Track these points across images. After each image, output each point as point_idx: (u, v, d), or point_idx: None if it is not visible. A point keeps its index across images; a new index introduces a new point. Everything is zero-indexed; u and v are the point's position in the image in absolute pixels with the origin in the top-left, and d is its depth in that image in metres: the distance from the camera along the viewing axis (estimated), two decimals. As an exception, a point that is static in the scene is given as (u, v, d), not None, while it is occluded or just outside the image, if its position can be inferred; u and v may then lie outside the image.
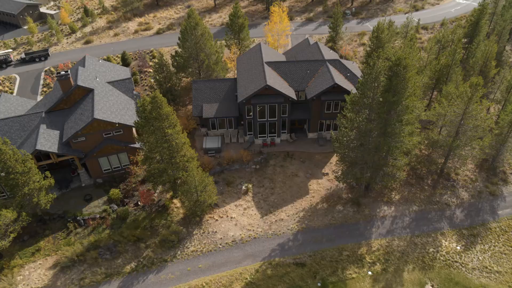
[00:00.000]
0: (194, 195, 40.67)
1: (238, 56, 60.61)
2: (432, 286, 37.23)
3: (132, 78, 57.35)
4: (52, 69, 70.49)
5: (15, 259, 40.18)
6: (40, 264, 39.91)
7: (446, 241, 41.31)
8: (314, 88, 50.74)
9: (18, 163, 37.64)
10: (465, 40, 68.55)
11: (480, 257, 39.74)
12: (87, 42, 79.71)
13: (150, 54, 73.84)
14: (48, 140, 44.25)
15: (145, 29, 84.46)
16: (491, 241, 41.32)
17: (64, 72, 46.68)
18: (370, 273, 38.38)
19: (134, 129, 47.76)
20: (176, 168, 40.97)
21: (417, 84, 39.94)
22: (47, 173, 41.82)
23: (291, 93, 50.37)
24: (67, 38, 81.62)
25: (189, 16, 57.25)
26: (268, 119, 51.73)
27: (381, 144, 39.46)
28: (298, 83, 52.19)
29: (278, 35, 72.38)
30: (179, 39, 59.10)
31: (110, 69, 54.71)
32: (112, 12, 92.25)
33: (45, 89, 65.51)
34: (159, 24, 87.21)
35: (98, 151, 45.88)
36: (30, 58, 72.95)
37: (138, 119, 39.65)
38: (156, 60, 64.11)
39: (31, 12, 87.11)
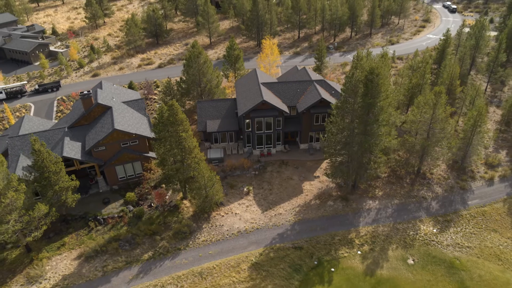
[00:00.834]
0: (203, 192, 47.17)
1: (237, 80, 69.35)
2: (413, 260, 43.49)
3: (142, 101, 65.02)
4: (64, 97, 78.11)
5: (42, 252, 45.34)
6: (65, 256, 45.12)
7: (424, 226, 48.05)
8: (304, 103, 59.09)
9: (52, 163, 44.01)
10: (435, 66, 78.97)
11: (453, 237, 46.43)
12: (94, 75, 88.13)
13: (154, 84, 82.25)
14: (72, 149, 50.87)
15: (148, 64, 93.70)
16: (462, 225, 48.18)
17: (86, 92, 54.31)
18: (359, 252, 44.59)
19: (147, 141, 54.75)
20: (188, 168, 47.70)
21: (389, 90, 48.46)
22: (73, 176, 48.03)
23: (284, 107, 58.46)
24: (76, 72, 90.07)
25: (193, 47, 66.35)
26: (265, 131, 59.38)
27: (362, 142, 47.16)
28: (290, 100, 60.51)
29: (270, 65, 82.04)
30: (183, 66, 67.78)
31: (124, 92, 62.57)
32: (116, 50, 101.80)
33: (59, 114, 72.68)
34: (160, 59, 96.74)
35: (116, 160, 52.44)
36: (43, 89, 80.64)
37: (154, 128, 46.90)
38: (160, 89, 72.51)
39: (41, 50, 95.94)
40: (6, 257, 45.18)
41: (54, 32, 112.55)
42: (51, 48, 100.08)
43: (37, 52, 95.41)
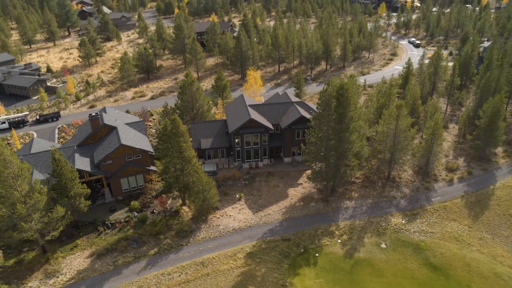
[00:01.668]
0: (201, 195, 54.40)
1: (226, 105, 78.43)
2: (386, 244, 51.10)
3: (140, 124, 72.88)
4: (65, 126, 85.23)
5: (57, 253, 50.94)
6: (78, 255, 50.87)
7: (394, 218, 56.09)
8: (286, 121, 68.17)
9: (68, 171, 50.82)
10: (400, 90, 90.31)
11: (419, 226, 54.53)
12: (91, 107, 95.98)
13: (149, 112, 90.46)
14: (82, 163, 57.78)
15: (141, 96, 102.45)
16: (427, 216, 56.46)
17: (94, 114, 62.09)
18: (339, 241, 52.00)
19: (148, 156, 62.15)
20: (187, 175, 55.08)
21: (358, 104, 58.02)
22: (84, 185, 54.63)
23: (269, 125, 67.31)
24: (74, 104, 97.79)
25: (186, 76, 75.56)
26: (253, 146, 67.76)
27: (337, 147, 55.92)
28: (274, 119, 69.54)
29: (254, 94, 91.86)
30: (178, 93, 76.56)
31: (125, 116, 70.49)
32: (110, 85, 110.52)
33: (61, 140, 79.48)
34: (152, 92, 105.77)
35: (121, 172, 59.43)
36: (44, 119, 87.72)
37: (158, 140, 54.63)
38: (154, 117, 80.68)
39: (40, 85, 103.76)
40: (23, 258, 50.58)
41: (49, 70, 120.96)
42: (48, 83, 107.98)
43: (35, 87, 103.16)
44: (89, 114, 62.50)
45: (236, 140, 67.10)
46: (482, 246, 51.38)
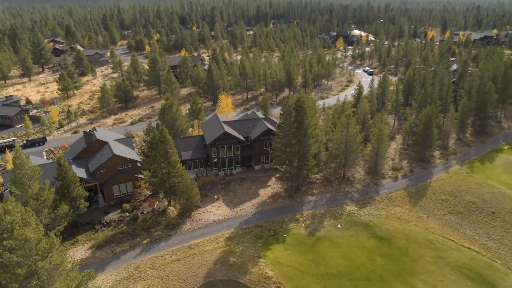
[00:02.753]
0: (186, 194, 64.83)
1: (202, 124, 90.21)
2: (341, 225, 62.92)
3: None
4: (52, 149, 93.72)
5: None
6: (79, 248, 59.39)
7: (348, 207, 68.33)
8: (255, 133, 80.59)
9: (71, 175, 60.26)
10: (354, 109, 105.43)
11: (369, 211, 66.95)
12: (75, 132, 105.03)
13: (131, 135, 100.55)
14: (79, 172, 67.10)
15: (121, 122, 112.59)
16: (375, 204, 69.11)
17: (88, 131, 72.18)
18: (303, 225, 63.36)
19: (137, 165, 72.23)
20: (173, 177, 65.50)
21: (313, 114, 71.38)
22: (83, 189, 63.85)
23: (241, 137, 79.37)
24: (57, 131, 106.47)
25: (166, 99, 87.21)
26: (227, 156, 79.29)
27: (298, 150, 68.46)
28: (245, 132, 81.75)
29: (225, 116, 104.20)
30: (159, 114, 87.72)
31: (113, 135, 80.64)
32: (90, 114, 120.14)
33: (50, 160, 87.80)
34: (131, 118, 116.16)
35: (113, 180, 69.06)
36: (31, 144, 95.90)
37: (147, 147, 65.26)
38: (136, 139, 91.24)
39: (23, 115, 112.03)
40: (31, 253, 58.50)
41: (28, 102, 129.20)
42: (31, 113, 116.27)
43: (19, 116, 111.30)
44: (84, 131, 72.56)
45: (213, 151, 78.49)
46: (418, 222, 64.23)
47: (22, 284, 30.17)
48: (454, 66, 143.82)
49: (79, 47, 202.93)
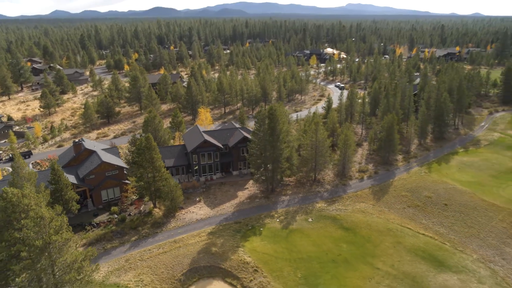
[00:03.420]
0: (170, 195, 71.32)
1: (183, 134, 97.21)
2: (311, 219, 70.53)
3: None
4: (38, 161, 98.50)
5: (54, 247, 64.45)
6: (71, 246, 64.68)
7: (318, 204, 76.17)
8: (233, 141, 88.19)
9: (63, 178, 66.03)
10: (324, 119, 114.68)
11: (337, 206, 74.94)
12: (59, 146, 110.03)
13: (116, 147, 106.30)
14: (69, 178, 72.80)
15: (104, 136, 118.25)
16: (343, 201, 77.19)
17: (77, 140, 78.14)
18: (278, 220, 70.66)
19: (124, 171, 78.35)
20: (158, 181, 71.96)
21: (285, 121, 79.67)
22: (74, 193, 69.48)
23: (219, 145, 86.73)
24: (42, 145, 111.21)
25: (149, 112, 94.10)
26: (207, 162, 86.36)
27: (271, 154, 76.29)
28: (223, 140, 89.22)
29: (205, 128, 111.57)
30: (143, 126, 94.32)
31: (99, 145, 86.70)
32: (73, 129, 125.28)
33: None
34: (114, 133, 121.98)
35: (101, 185, 74.94)
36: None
37: (133, 153, 71.77)
38: (120, 151, 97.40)
39: (7, 130, 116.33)
40: (26, 252, 63.43)
41: (10, 118, 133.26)
42: (14, 129, 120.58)
43: (2, 132, 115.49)
44: (73, 141, 78.59)
45: (194, 158, 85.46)
46: (380, 214, 72.57)
47: (38, 255, 36.13)
48: (418, 80, 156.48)
49: (58, 66, 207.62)
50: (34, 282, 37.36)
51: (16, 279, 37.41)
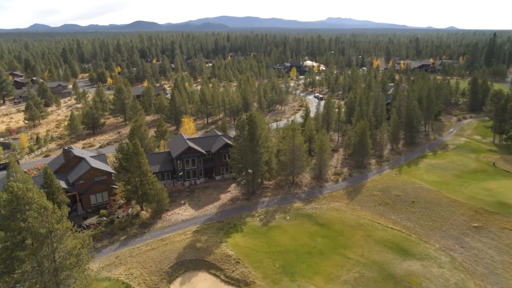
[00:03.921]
0: (156, 197, 76.17)
1: (168, 142, 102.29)
2: (289, 217, 76.27)
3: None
4: (26, 170, 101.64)
5: (46, 248, 68.30)
6: (64, 247, 68.70)
7: (296, 204, 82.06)
8: (215, 147, 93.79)
9: (55, 182, 70.24)
10: (302, 128, 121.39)
11: (313, 205, 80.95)
12: (46, 156, 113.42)
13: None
14: (60, 183, 76.93)
15: (90, 146, 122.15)
16: (319, 201, 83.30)
17: (67, 148, 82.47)
18: (258, 219, 76.18)
19: (112, 177, 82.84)
20: (145, 184, 76.74)
21: (264, 127, 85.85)
22: (65, 196, 73.55)
23: (203, 151, 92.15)
24: (28, 155, 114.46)
25: (135, 122, 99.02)
26: (191, 168, 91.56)
27: (251, 157, 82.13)
28: (206, 147, 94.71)
29: (189, 136, 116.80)
30: (129, 134, 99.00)
31: (87, 153, 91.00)
32: (59, 140, 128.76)
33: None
34: (99, 143, 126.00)
35: (91, 190, 79.24)
36: (4, 167, 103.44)
37: (122, 158, 76.52)
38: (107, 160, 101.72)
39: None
40: (19, 253, 67.15)
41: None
42: (0, 140, 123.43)
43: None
44: (63, 148, 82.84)
45: (179, 164, 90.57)
46: (353, 212, 78.87)
47: (41, 243, 40.68)
48: (392, 90, 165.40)
49: (41, 80, 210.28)
50: (36, 268, 41.82)
51: (22, 265, 41.80)
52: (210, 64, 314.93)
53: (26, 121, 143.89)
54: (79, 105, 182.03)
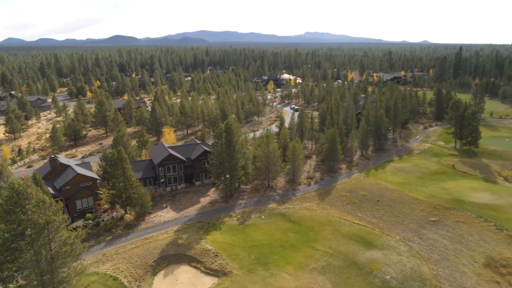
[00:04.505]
0: (140, 201, 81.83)
1: (150, 150, 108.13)
2: (264, 216, 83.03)
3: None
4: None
5: (35, 249, 72.84)
6: (52, 248, 73.42)
7: (270, 205, 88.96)
8: (195, 154, 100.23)
9: (45, 187, 75.16)
10: (277, 136, 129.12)
11: (286, 206, 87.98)
12: (29, 167, 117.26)
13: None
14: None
15: (72, 157, 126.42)
16: (292, 202, 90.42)
17: (53, 156, 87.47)
18: (235, 218, 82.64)
19: (96, 183, 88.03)
20: (129, 188, 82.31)
21: (240, 134, 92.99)
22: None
23: (183, 158, 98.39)
24: (11, 166, 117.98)
25: (118, 131, 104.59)
26: (172, 174, 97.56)
27: (229, 163, 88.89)
28: (186, 154, 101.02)
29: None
30: (112, 143, 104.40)
31: (73, 161, 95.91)
32: (41, 151, 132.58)
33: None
34: (82, 154, 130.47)
35: (77, 195, 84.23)
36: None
37: (107, 164, 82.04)
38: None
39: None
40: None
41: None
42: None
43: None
44: (49, 156, 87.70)
45: (160, 171, 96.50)
46: (323, 210, 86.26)
47: (39, 233, 46.13)
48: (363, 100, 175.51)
49: (20, 94, 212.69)
50: (34, 257, 47.13)
51: (22, 254, 47.04)
52: (189, 78, 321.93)
53: (7, 134, 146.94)
54: (59, 118, 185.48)
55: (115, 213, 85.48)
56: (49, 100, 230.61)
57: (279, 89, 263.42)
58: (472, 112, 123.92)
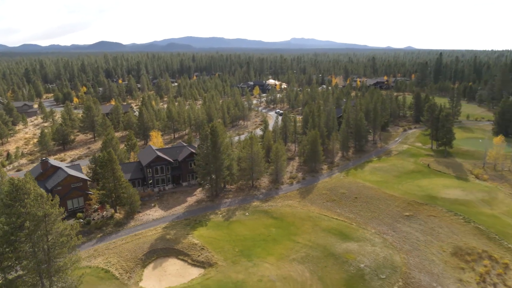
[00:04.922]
0: (129, 200, 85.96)
1: (138, 153, 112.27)
2: (248, 213, 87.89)
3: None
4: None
5: (28, 247, 76.33)
6: (45, 245, 77.01)
7: (254, 203, 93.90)
8: (182, 156, 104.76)
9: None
10: (261, 139, 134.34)
11: (269, 203, 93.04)
12: (18, 170, 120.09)
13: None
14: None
15: (61, 160, 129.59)
16: (274, 200, 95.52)
17: (44, 158, 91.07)
18: (220, 216, 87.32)
19: (87, 183, 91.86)
20: (119, 188, 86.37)
21: (225, 137, 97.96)
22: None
23: (170, 160, 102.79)
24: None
25: (106, 135, 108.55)
26: (160, 175, 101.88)
27: (214, 163, 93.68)
28: (174, 156, 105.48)
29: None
30: (101, 147, 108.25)
31: (63, 164, 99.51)
32: (29, 156, 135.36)
33: None
34: (70, 157, 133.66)
35: (68, 196, 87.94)
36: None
37: (97, 165, 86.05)
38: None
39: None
40: None
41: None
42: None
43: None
44: (41, 159, 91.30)
45: (149, 172, 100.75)
46: (304, 207, 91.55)
47: (37, 225, 50.21)
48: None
49: (5, 100, 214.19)
50: (32, 247, 51.15)
51: (21, 245, 50.97)
52: (176, 84, 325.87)
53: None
54: (46, 124, 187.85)
55: (105, 212, 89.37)
56: (36, 106, 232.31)
57: (264, 94, 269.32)
58: (446, 114, 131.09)
